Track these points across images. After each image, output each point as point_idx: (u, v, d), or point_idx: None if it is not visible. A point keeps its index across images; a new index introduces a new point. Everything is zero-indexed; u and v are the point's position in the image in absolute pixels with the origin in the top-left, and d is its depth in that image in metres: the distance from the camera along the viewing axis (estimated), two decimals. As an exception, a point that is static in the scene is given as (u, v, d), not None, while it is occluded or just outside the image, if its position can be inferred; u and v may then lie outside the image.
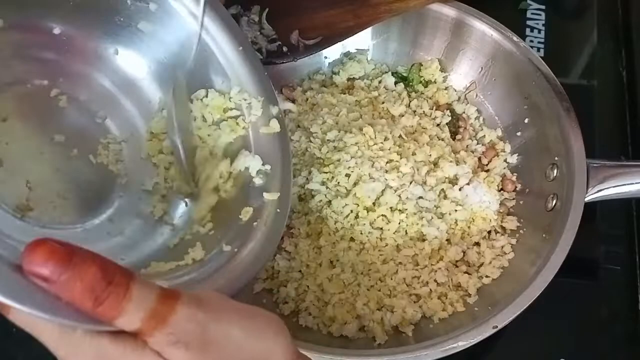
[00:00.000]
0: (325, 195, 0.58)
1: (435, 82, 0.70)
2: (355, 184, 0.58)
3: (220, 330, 0.31)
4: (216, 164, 0.49)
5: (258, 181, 0.48)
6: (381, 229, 0.57)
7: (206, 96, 0.51)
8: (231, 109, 0.51)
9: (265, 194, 0.47)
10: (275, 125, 0.51)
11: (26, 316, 0.31)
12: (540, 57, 0.64)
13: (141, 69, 0.51)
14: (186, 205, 0.49)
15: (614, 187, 0.56)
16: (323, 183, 0.58)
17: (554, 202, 0.57)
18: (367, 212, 0.57)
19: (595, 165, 0.57)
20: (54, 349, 0.31)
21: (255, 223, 0.46)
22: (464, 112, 0.68)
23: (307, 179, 0.60)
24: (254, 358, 0.32)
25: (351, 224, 0.57)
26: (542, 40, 0.78)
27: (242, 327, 0.32)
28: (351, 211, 0.57)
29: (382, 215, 0.57)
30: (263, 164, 0.49)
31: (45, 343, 0.31)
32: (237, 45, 0.51)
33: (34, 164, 0.43)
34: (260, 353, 0.32)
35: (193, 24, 0.50)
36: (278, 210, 0.47)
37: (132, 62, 0.50)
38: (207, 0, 0.49)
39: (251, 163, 0.49)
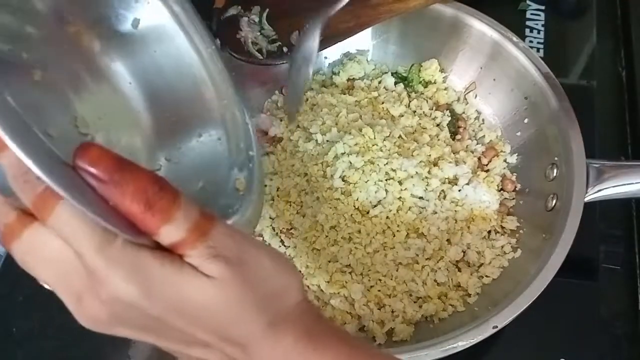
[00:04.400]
0: (325, 195, 0.58)
1: (435, 82, 0.70)
2: (354, 185, 0.58)
3: (254, 253, 0.32)
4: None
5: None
6: (381, 229, 0.57)
7: None
8: None
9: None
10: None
11: (69, 220, 0.29)
12: (540, 57, 0.64)
13: (117, 61, 0.52)
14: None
15: (614, 187, 0.56)
16: (322, 184, 0.59)
17: (554, 202, 0.57)
18: (367, 212, 0.57)
19: (595, 165, 0.56)
20: (90, 259, 0.29)
21: (241, 193, 0.49)
22: (463, 112, 0.68)
23: (307, 179, 0.61)
24: (276, 288, 0.33)
25: (350, 224, 0.57)
26: (542, 40, 0.78)
27: (271, 257, 0.33)
28: (350, 211, 0.57)
29: (382, 215, 0.57)
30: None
31: (82, 252, 0.29)
32: (210, 44, 0.53)
33: None
34: (281, 285, 0.33)
35: (170, 21, 0.52)
36: (257, 180, 0.51)
37: (108, 53, 0.51)
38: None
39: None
